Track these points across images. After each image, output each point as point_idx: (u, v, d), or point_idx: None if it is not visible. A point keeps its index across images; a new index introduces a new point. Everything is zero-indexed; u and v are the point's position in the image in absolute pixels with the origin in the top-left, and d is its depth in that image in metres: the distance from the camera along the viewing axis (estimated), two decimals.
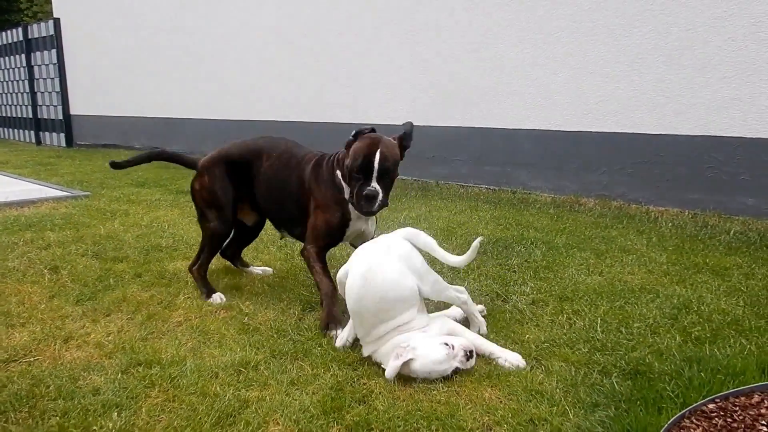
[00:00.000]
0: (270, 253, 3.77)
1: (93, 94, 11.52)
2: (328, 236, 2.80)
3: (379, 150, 2.57)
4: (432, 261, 2.51)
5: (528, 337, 2.42)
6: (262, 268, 3.47)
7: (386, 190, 2.64)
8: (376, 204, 2.61)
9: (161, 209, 5.17)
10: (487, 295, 2.93)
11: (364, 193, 2.59)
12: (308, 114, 7.62)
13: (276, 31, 7.91)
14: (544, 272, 3.22)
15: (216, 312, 2.80)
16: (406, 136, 2.77)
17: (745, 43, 4.33)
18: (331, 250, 2.91)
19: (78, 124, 11.95)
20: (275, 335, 2.53)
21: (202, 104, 9.30)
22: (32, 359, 2.33)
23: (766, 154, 4.33)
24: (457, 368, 2.14)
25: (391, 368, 2.11)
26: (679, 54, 4.63)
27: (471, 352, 2.18)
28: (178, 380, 2.15)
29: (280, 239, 3.55)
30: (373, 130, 2.69)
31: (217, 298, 2.97)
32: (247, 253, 3.74)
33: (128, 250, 3.83)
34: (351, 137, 2.67)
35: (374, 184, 2.59)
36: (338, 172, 2.76)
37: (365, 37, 6.83)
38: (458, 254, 2.53)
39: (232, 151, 3.15)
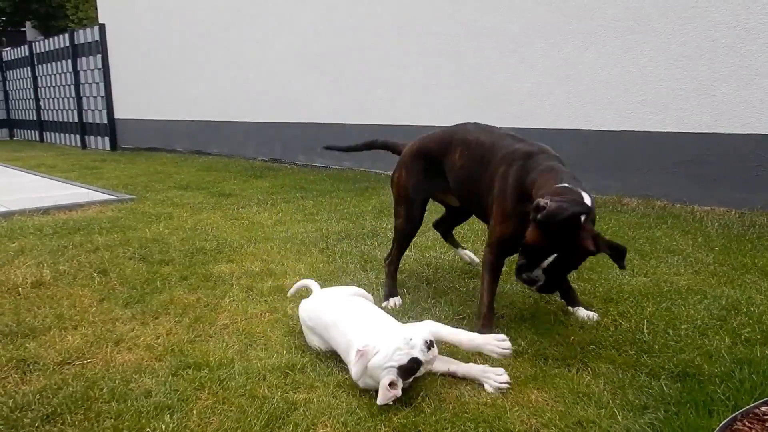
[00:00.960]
0: (312, 255, 3.82)
1: (136, 99, 11.80)
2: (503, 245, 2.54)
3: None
4: None
5: (573, 339, 2.40)
6: (469, 254, 3.42)
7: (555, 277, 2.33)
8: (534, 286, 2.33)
9: (204, 212, 5.27)
10: (530, 296, 2.91)
11: (524, 276, 2.31)
12: (348, 116, 7.67)
13: (316, 34, 7.97)
14: (587, 273, 3.19)
15: (262, 315, 2.85)
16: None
17: None
18: None
19: (122, 128, 12.25)
20: None
21: (242, 107, 9.44)
22: (85, 362, 2.41)
23: None
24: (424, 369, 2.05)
25: (354, 371, 2.05)
26: (725, 52, 4.52)
27: (430, 342, 2.04)
28: (226, 382, 2.19)
29: None
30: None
31: (392, 302, 2.91)
32: (289, 255, 3.79)
33: (173, 253, 3.92)
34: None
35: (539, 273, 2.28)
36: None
37: (404, 38, 6.85)
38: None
39: (430, 144, 2.96)
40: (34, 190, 6.70)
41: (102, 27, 12.04)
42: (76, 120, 13.15)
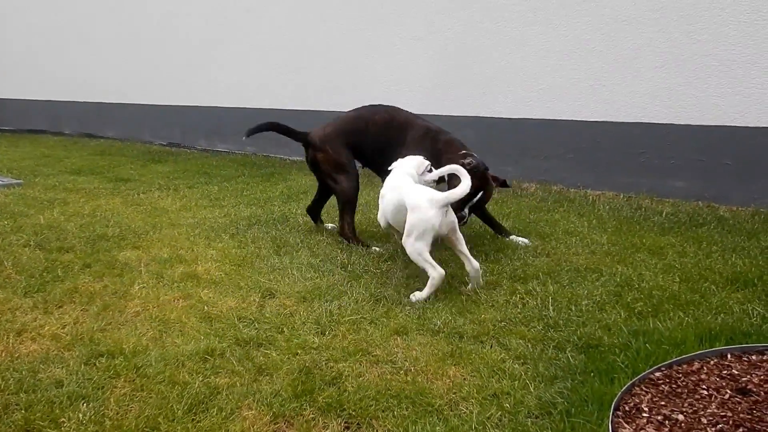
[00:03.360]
0: (223, 240, 3.75)
1: (19, 76, 11.01)
2: None
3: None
4: None
5: (485, 317, 2.53)
6: (333, 225, 3.97)
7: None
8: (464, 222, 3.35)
9: (102, 198, 5.03)
10: (444, 279, 3.01)
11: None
12: (253, 101, 7.53)
13: (218, 11, 7.75)
14: (495, 255, 3.35)
15: (174, 301, 2.78)
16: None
17: (676, 34, 4.57)
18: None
19: (3, 108, 11.38)
20: (237, 323, 2.54)
21: (137, 89, 9.03)
22: None
23: (693, 140, 4.60)
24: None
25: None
26: (614, 44, 4.84)
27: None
28: (143, 370, 2.14)
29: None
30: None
31: (376, 249, 3.48)
32: (198, 241, 3.71)
33: (73, 240, 3.73)
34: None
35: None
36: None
37: (308, 22, 6.80)
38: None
39: (345, 125, 3.81)
40: None
41: None
42: None
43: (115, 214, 4.42)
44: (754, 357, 1.97)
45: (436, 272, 2.78)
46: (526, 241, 3.55)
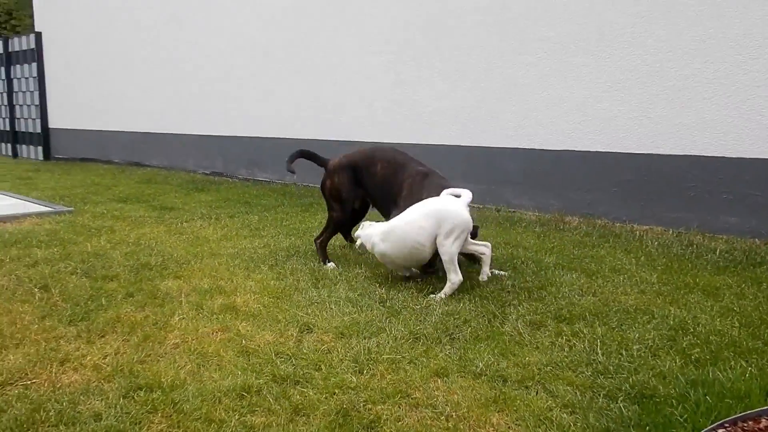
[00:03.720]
0: (262, 272, 3.74)
1: (72, 108, 11.39)
2: None
3: None
4: None
5: (529, 360, 2.44)
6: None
7: None
8: None
9: (147, 226, 5.11)
10: (484, 316, 2.94)
11: None
12: (286, 130, 7.61)
13: (258, 48, 7.91)
14: (538, 292, 3.25)
15: (213, 334, 2.77)
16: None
17: (725, 64, 4.45)
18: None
19: (56, 138, 11.79)
20: (274, 358, 2.51)
21: (182, 119, 9.24)
22: (29, 382, 2.28)
23: (747, 173, 4.43)
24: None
25: None
26: (659, 76, 4.74)
27: None
28: (180, 405, 2.12)
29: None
30: None
31: (331, 266, 3.81)
32: (238, 272, 3.72)
33: (117, 268, 3.78)
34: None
35: None
36: None
37: (349, 55, 6.87)
38: None
39: (356, 158, 4.02)
40: None
41: (38, 35, 11.61)
42: (8, 128, 12.58)
43: (159, 243, 4.47)
44: None
45: (458, 277, 3.22)
46: (503, 273, 3.59)
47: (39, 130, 11.79)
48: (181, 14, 8.98)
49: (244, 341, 2.68)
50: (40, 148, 11.82)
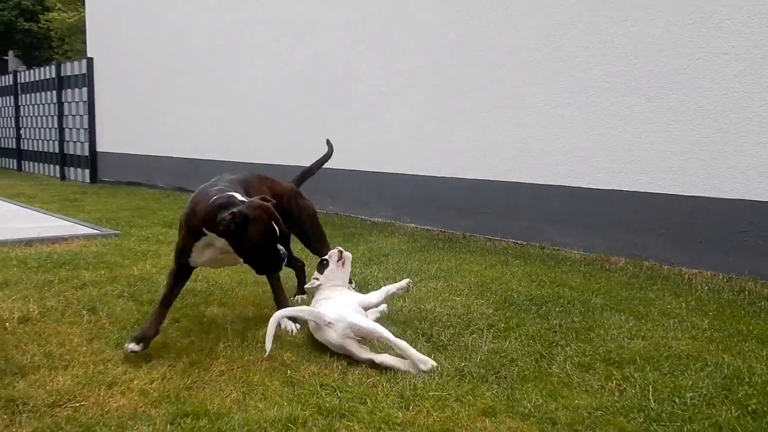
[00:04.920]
0: (305, 301, 3.75)
1: (119, 132, 11.73)
2: None
3: None
4: None
5: (579, 403, 2.38)
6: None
7: None
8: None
9: None
10: (531, 355, 2.89)
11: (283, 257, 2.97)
12: (335, 161, 7.68)
13: (301, 77, 8.05)
14: (585, 334, 3.18)
15: (258, 362, 2.77)
16: None
17: None
18: None
19: (103, 161, 12.13)
20: (319, 390, 2.50)
21: (224, 146, 9.43)
22: (77, 405, 2.31)
23: None
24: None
25: None
26: (712, 117, 4.67)
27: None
28: None
29: None
30: None
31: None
32: None
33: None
34: (234, 221, 2.77)
35: None
36: None
37: (395, 89, 6.94)
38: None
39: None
40: (14, 219, 6.56)
41: (90, 61, 12.04)
42: (57, 151, 13.00)
43: (203, 269, 4.52)
44: None
45: None
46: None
47: (87, 154, 12.15)
48: (228, 45, 9.22)
49: (289, 371, 2.68)
50: (87, 171, 12.17)
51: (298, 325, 3.27)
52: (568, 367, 2.73)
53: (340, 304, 3.00)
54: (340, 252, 3.47)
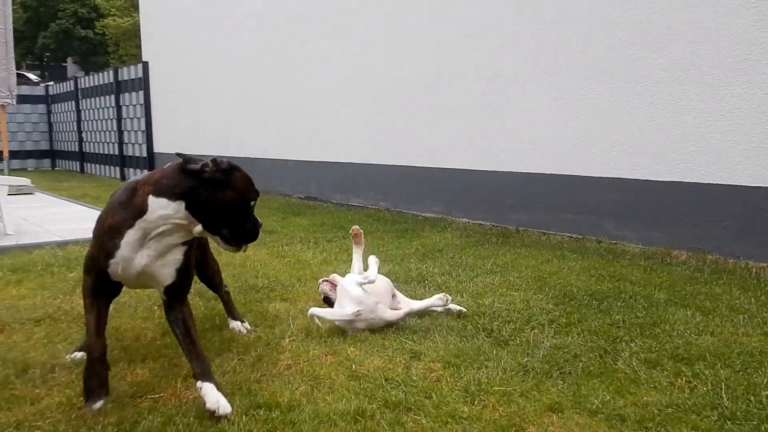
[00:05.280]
0: None
1: (174, 133, 12.06)
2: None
3: None
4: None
5: (648, 400, 2.35)
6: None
7: None
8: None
9: (250, 248, 5.27)
10: (594, 351, 2.87)
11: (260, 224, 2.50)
12: (386, 157, 7.74)
13: (353, 75, 8.12)
14: (650, 329, 3.14)
15: (323, 356, 2.84)
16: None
17: None
18: None
19: (160, 162, 12.48)
20: (384, 384, 2.54)
21: (279, 145, 9.58)
22: (156, 396, 2.41)
23: None
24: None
25: None
26: None
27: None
28: (299, 426, 2.18)
29: None
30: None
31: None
32: None
33: (227, 289, 3.93)
34: (219, 167, 2.26)
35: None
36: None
37: (444, 84, 6.94)
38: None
39: None
40: (82, 220, 6.83)
41: (145, 65, 12.41)
42: (117, 153, 13.45)
43: (263, 266, 4.63)
44: None
45: None
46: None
47: (145, 155, 12.53)
48: (279, 45, 9.37)
49: (353, 365, 2.73)
50: (145, 171, 12.51)
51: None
52: (635, 364, 2.69)
53: (347, 292, 3.18)
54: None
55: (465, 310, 3.47)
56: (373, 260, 3.44)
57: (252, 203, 2.40)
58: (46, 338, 3.06)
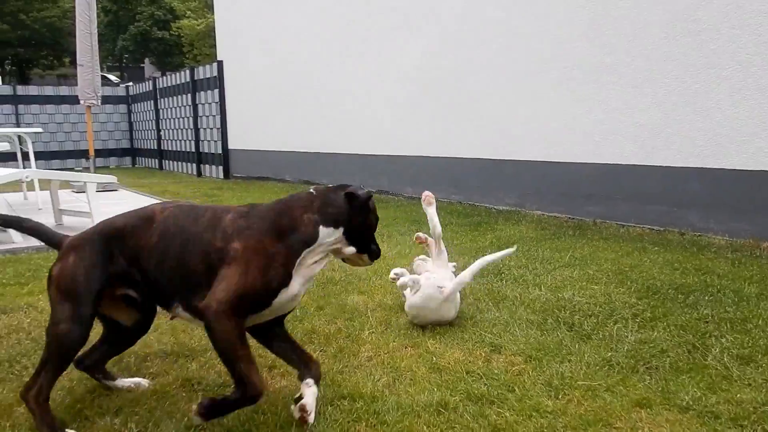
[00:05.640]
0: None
1: (248, 130, 12.38)
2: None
3: None
4: None
5: (742, 398, 2.26)
6: (135, 380, 2.57)
7: None
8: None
9: None
10: (682, 346, 2.78)
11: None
12: (457, 150, 7.70)
13: (422, 69, 8.10)
14: (741, 324, 3.01)
15: (403, 349, 2.87)
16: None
17: None
18: None
19: (234, 158, 12.86)
20: (466, 376, 2.55)
21: (350, 140, 9.69)
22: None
23: None
24: None
25: None
26: None
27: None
28: (382, 416, 2.21)
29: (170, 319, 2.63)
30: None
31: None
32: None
33: None
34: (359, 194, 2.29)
35: None
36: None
37: (516, 76, 6.83)
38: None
39: (116, 221, 2.32)
40: None
41: (220, 63, 12.77)
42: (193, 150, 13.93)
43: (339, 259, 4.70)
44: None
45: None
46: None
47: (220, 151, 12.93)
48: (351, 44, 9.45)
49: (434, 358, 2.74)
50: (221, 168, 12.96)
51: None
52: (726, 360, 2.60)
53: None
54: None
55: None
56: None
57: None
58: None
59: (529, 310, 3.37)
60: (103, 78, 25.50)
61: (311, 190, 2.31)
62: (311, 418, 2.15)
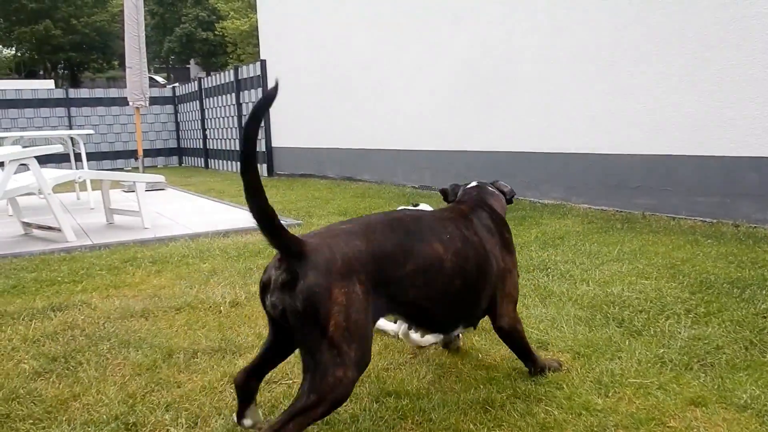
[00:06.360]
0: None
1: (292, 128, 12.48)
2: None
3: None
4: None
5: None
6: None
7: None
8: None
9: None
10: (738, 342, 2.68)
11: None
12: (498, 144, 7.61)
13: (464, 65, 8.03)
14: None
15: None
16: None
17: None
18: None
19: (278, 156, 12.99)
20: (513, 374, 2.51)
21: (392, 136, 9.67)
22: (291, 382, 2.51)
23: None
24: None
25: None
26: None
27: None
28: (428, 413, 2.19)
29: None
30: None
31: None
32: None
33: None
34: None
35: None
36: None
37: (561, 66, 6.70)
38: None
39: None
40: (211, 213, 7.26)
41: (263, 63, 12.89)
42: (238, 148, 14.11)
43: None
44: None
45: None
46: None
47: (264, 149, 13.08)
48: (389, 38, 9.43)
49: (479, 355, 2.71)
50: (264, 166, 13.11)
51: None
52: None
53: None
54: None
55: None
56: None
57: None
58: (186, 325, 3.27)
59: (577, 306, 3.30)
60: (151, 79, 26.11)
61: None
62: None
